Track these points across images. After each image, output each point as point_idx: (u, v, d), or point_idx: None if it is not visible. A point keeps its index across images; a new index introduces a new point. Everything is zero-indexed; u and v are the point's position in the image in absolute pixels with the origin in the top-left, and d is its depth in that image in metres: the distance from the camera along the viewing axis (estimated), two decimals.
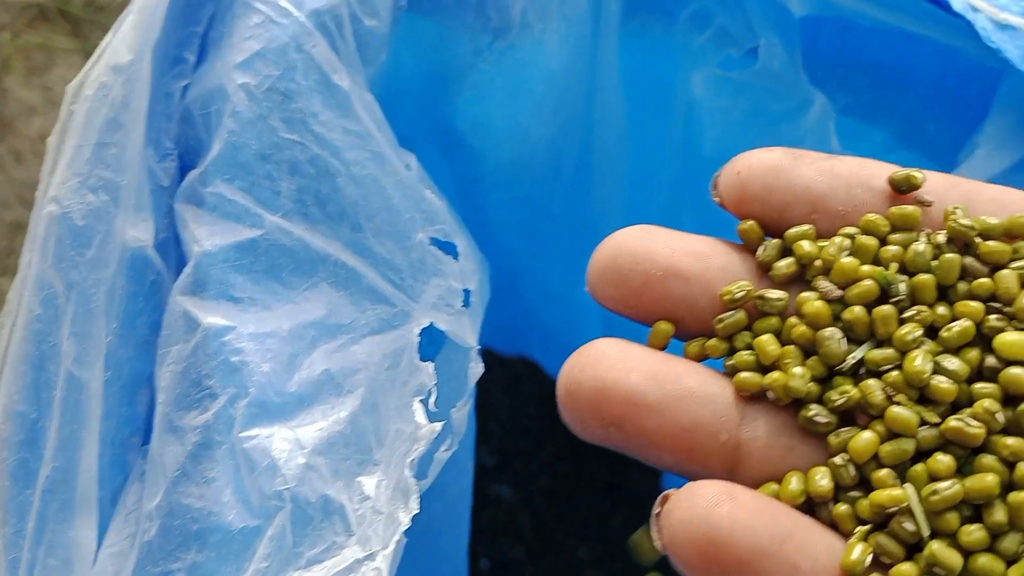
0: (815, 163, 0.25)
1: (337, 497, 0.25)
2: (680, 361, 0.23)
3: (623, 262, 0.24)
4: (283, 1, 0.25)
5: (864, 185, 0.24)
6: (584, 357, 0.23)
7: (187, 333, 0.25)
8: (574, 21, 0.33)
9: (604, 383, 0.23)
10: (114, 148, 0.24)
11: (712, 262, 0.24)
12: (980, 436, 0.21)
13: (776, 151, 0.25)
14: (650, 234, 0.24)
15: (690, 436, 0.23)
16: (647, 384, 0.23)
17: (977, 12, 0.32)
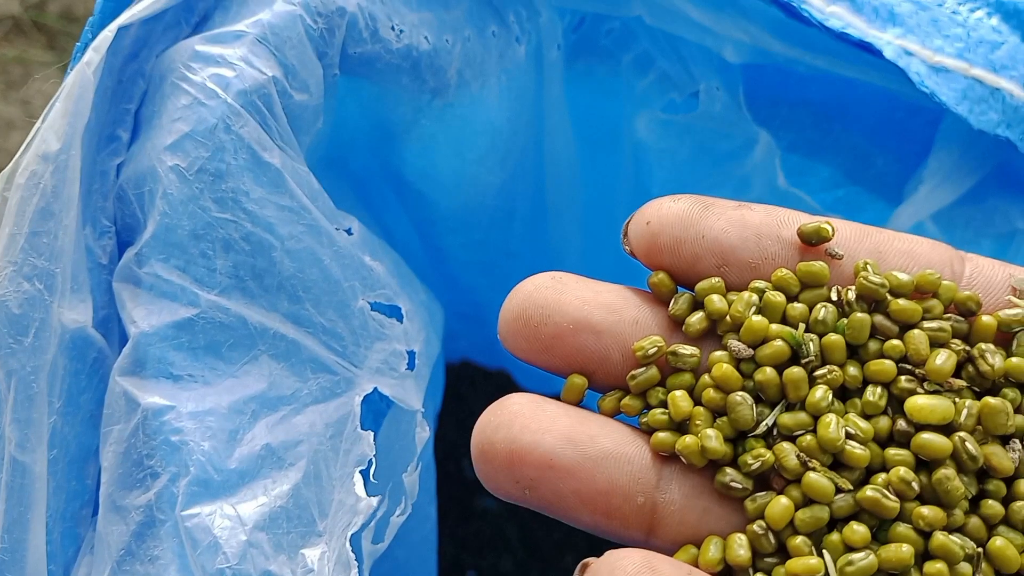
0: (725, 213, 0.24)
1: (279, 572, 0.25)
2: (595, 419, 0.23)
3: (533, 314, 0.23)
4: (210, 82, 0.26)
5: (774, 236, 0.24)
6: (497, 416, 0.23)
7: (128, 413, 0.25)
8: (514, 72, 0.33)
9: (518, 445, 0.22)
10: (47, 236, 0.24)
11: (625, 315, 0.24)
12: (895, 509, 0.22)
13: (685, 200, 0.24)
14: (561, 283, 0.24)
15: (606, 499, 0.22)
16: (562, 446, 0.22)
17: (911, 56, 0.32)
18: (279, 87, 0.27)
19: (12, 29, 1.02)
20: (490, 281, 0.44)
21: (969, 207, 0.37)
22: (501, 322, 0.24)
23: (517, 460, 0.22)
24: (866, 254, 0.24)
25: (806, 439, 0.22)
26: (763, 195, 0.38)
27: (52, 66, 1.00)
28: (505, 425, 0.22)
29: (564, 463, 0.22)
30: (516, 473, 0.22)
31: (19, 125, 0.98)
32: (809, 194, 0.37)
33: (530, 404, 0.23)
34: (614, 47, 0.36)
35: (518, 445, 0.22)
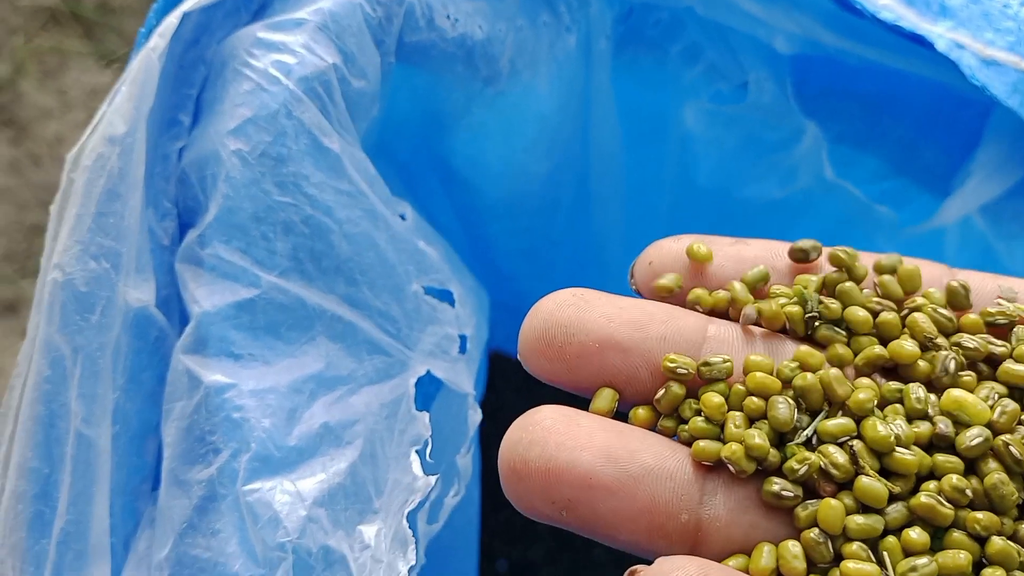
0: (723, 249, 0.25)
1: (338, 547, 0.26)
2: (633, 432, 0.22)
3: (556, 334, 0.22)
4: (272, 69, 0.26)
5: (769, 267, 0.25)
6: (529, 432, 0.21)
7: (190, 391, 0.26)
8: (563, 62, 0.33)
9: (555, 464, 0.21)
10: (113, 217, 0.25)
11: (651, 331, 0.23)
12: (950, 516, 0.21)
13: (685, 240, 0.25)
14: (584, 301, 0.23)
15: (648, 517, 0.21)
16: (601, 464, 0.21)
17: (963, 49, 0.32)
18: (339, 74, 0.27)
19: (49, 20, 1.03)
20: (532, 269, 0.44)
21: (1017, 200, 0.36)
22: (521, 342, 0.23)
23: (554, 479, 0.21)
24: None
25: (855, 443, 0.22)
26: (810, 186, 0.38)
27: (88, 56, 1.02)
28: (539, 442, 0.21)
29: (604, 481, 0.21)
30: (552, 493, 0.21)
31: (55, 115, 0.99)
32: (856, 186, 0.37)
33: (563, 418, 0.21)
34: (662, 38, 0.36)
35: (555, 464, 0.21)
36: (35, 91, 1.00)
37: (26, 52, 0.99)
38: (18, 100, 1.00)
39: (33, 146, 0.97)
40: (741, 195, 0.39)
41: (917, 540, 0.21)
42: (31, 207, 0.94)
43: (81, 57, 1.01)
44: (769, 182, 0.38)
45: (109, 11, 1.04)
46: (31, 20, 1.03)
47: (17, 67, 1.00)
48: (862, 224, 0.38)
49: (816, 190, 0.38)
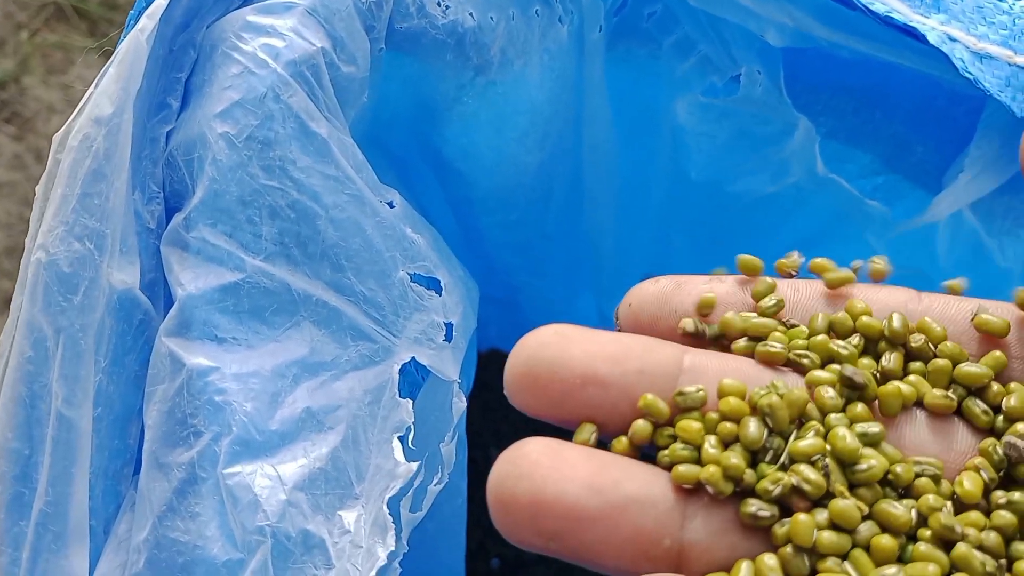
0: (696, 287, 0.26)
1: (317, 531, 0.26)
2: (616, 461, 0.23)
3: (540, 371, 0.23)
4: (260, 52, 0.26)
5: (739, 303, 0.26)
6: (516, 465, 0.22)
7: (173, 373, 0.26)
8: (556, 53, 0.33)
9: (542, 497, 0.22)
10: (97, 198, 0.25)
11: (628, 365, 0.23)
12: (909, 523, 0.22)
13: (663, 281, 0.26)
14: (565, 338, 0.24)
15: (633, 545, 0.22)
16: (587, 495, 0.22)
17: (955, 42, 0.32)
18: (327, 59, 0.27)
19: (54, 15, 1.03)
20: (525, 262, 0.44)
21: (1009, 197, 0.36)
22: (507, 378, 0.24)
23: (541, 512, 0.22)
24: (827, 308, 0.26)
25: (827, 460, 0.22)
26: (802, 181, 0.38)
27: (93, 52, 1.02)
28: (527, 476, 0.22)
29: (589, 512, 0.22)
30: (540, 525, 0.22)
31: (59, 109, 0.99)
32: (848, 181, 0.37)
33: (548, 451, 0.22)
34: (655, 30, 0.36)
35: (542, 497, 0.22)
36: (39, 86, 1.00)
37: (31, 47, 0.99)
38: (22, 95, 1.00)
39: (36, 141, 0.98)
40: (733, 189, 0.39)
41: (884, 549, 0.21)
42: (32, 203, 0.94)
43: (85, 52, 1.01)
44: (761, 176, 0.38)
45: (114, 7, 1.04)
46: (36, 15, 1.03)
47: (21, 62, 1.00)
48: (854, 219, 0.38)
49: (808, 185, 0.38)
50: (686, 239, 0.42)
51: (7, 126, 0.99)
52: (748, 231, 0.41)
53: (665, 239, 0.42)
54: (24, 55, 1.00)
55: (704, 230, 0.41)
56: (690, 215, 0.41)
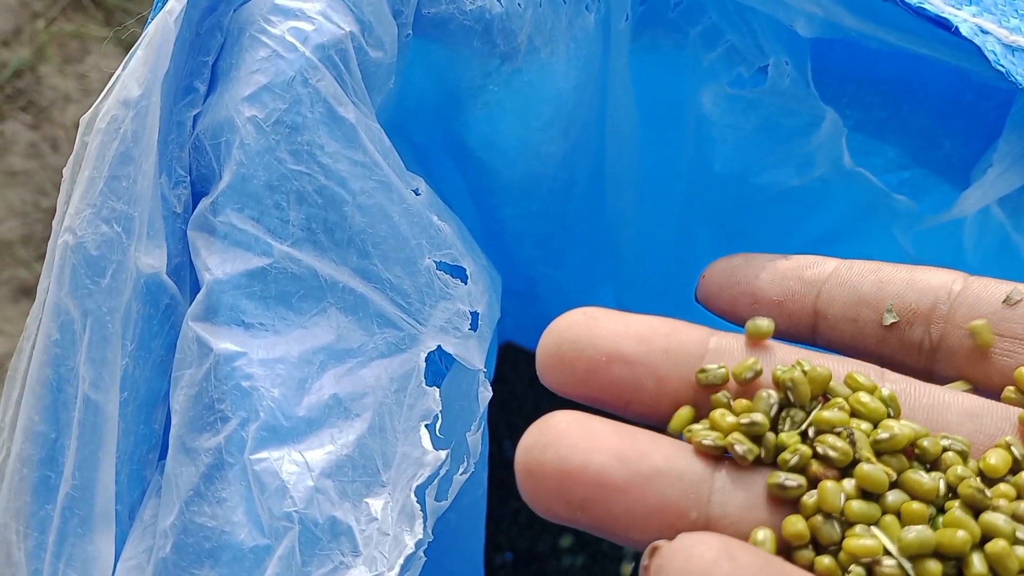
0: (763, 262, 0.27)
1: (344, 519, 0.25)
2: (643, 434, 0.23)
3: (566, 349, 0.24)
4: (289, 36, 0.26)
5: (796, 278, 0.26)
6: (544, 436, 0.22)
7: (200, 358, 0.26)
8: (582, 41, 0.33)
9: (569, 465, 0.22)
10: (125, 181, 0.25)
11: (654, 344, 0.24)
12: (936, 491, 0.22)
13: (736, 258, 0.27)
14: (593, 319, 0.24)
15: (659, 516, 0.22)
16: (613, 464, 0.22)
17: (987, 35, 0.32)
18: (355, 43, 0.27)
19: (70, 4, 1.03)
20: (545, 253, 0.44)
21: None
22: (538, 359, 0.24)
23: (568, 481, 0.22)
24: (871, 286, 0.26)
25: (853, 431, 0.22)
26: (827, 174, 0.38)
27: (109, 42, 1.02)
28: (553, 445, 0.22)
29: (615, 481, 0.22)
30: (567, 494, 0.22)
31: (75, 98, 0.99)
32: (875, 174, 0.37)
33: (576, 422, 0.23)
34: (681, 20, 0.36)
35: (568, 465, 0.22)
36: (55, 75, 1.00)
37: (47, 36, 0.99)
38: (38, 84, 1.00)
39: (52, 130, 0.98)
40: (758, 181, 0.38)
41: (916, 511, 0.21)
42: (49, 191, 0.94)
43: (101, 42, 1.01)
44: (786, 169, 0.38)
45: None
46: (52, 5, 1.03)
47: (38, 51, 1.00)
48: (880, 213, 0.38)
49: (834, 178, 0.38)
50: (709, 231, 0.42)
51: (23, 115, 0.99)
52: (772, 224, 0.41)
53: (687, 231, 0.42)
54: (40, 44, 1.00)
55: (727, 222, 0.41)
56: (713, 207, 0.40)
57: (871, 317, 0.26)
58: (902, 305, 0.26)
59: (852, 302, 0.26)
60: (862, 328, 0.26)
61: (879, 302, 0.26)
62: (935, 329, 0.25)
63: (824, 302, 0.26)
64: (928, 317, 0.25)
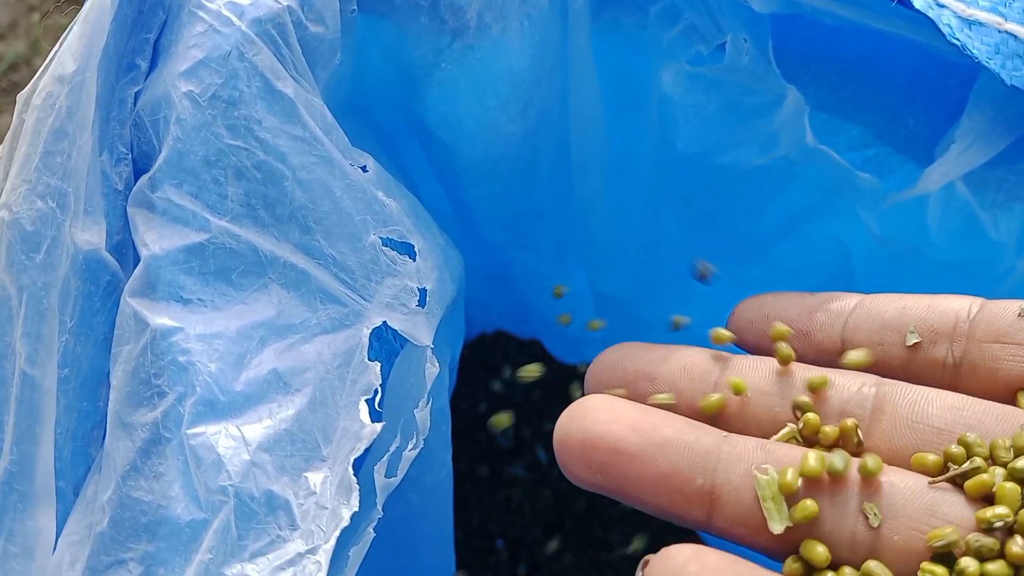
0: (791, 299, 0.30)
1: (282, 493, 0.25)
2: (659, 413, 0.26)
3: (605, 372, 0.29)
4: (225, 10, 0.26)
5: (824, 310, 0.29)
6: (574, 411, 0.26)
7: (137, 334, 0.26)
8: (536, 19, 0.33)
9: (591, 434, 0.26)
10: (60, 156, 0.25)
11: (673, 363, 0.28)
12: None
13: (765, 296, 0.30)
14: (627, 349, 0.29)
15: (669, 480, 0.25)
16: (628, 433, 0.26)
17: (943, 8, 0.32)
18: (294, 17, 0.27)
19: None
20: (514, 237, 0.44)
21: (1002, 169, 0.36)
22: (586, 381, 0.29)
23: (589, 447, 0.26)
24: (895, 312, 0.28)
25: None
26: (792, 153, 0.37)
27: None
28: (579, 418, 0.26)
29: (630, 448, 0.26)
30: (588, 458, 0.26)
31: None
32: (839, 153, 0.37)
33: (604, 401, 0.27)
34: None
35: (590, 434, 0.26)
36: None
37: (42, 30, 1.00)
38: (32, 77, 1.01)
39: None
40: (721, 161, 0.38)
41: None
42: None
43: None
44: (750, 148, 0.37)
45: None
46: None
47: (33, 44, 1.01)
48: (845, 192, 0.38)
49: (798, 157, 0.37)
50: (676, 213, 0.41)
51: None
52: (739, 204, 0.40)
53: (655, 213, 0.41)
54: (35, 37, 1.01)
55: (695, 204, 0.41)
56: (679, 188, 0.40)
57: (895, 340, 0.28)
58: (924, 327, 0.28)
59: (877, 327, 0.28)
60: (887, 351, 0.28)
61: (903, 326, 0.28)
62: (957, 346, 0.27)
63: (850, 330, 0.29)
64: (950, 336, 0.28)
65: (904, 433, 0.26)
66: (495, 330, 0.70)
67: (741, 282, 0.43)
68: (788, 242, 0.42)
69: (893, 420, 0.26)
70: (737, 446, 0.26)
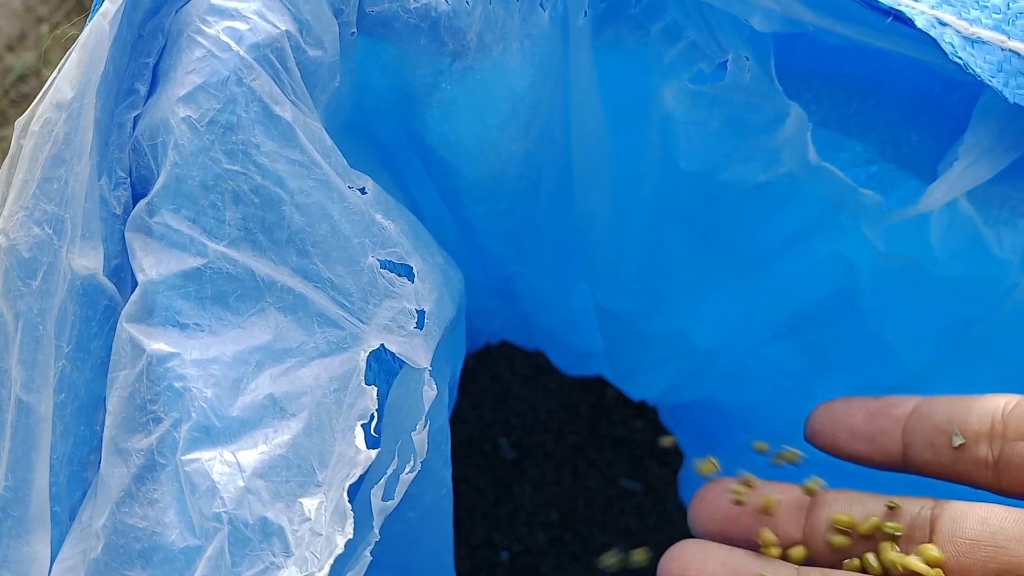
0: (858, 404, 0.33)
1: (276, 519, 0.25)
2: (750, 553, 0.30)
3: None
4: (223, 35, 0.26)
5: (886, 415, 0.32)
6: (674, 551, 0.30)
7: (133, 359, 0.26)
8: (537, 39, 0.33)
9: (688, 572, 0.29)
10: (57, 183, 0.25)
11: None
12: None
13: (836, 401, 0.33)
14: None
15: None
16: (722, 572, 0.29)
17: (945, 26, 0.31)
18: (292, 42, 0.27)
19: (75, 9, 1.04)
20: (516, 252, 0.44)
21: (1006, 185, 0.36)
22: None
23: None
24: (943, 416, 0.30)
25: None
26: (794, 170, 0.37)
27: None
28: (678, 559, 0.30)
29: None
30: None
31: None
32: (842, 169, 0.37)
33: (699, 543, 0.30)
34: (643, 16, 0.35)
35: (688, 571, 0.29)
36: None
37: (51, 41, 1.00)
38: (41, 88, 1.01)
39: None
40: (724, 178, 0.38)
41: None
42: None
43: None
44: (752, 165, 0.37)
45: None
46: (57, 9, 1.03)
47: (42, 56, 1.01)
48: (848, 209, 0.37)
49: (801, 174, 0.37)
50: (679, 229, 0.41)
51: None
52: (742, 221, 0.40)
53: (658, 229, 0.41)
54: (44, 49, 1.01)
55: (697, 219, 0.41)
56: (682, 205, 0.40)
57: (944, 442, 0.30)
58: (966, 428, 0.30)
59: (929, 430, 0.31)
60: (939, 452, 0.30)
61: (950, 428, 0.30)
62: (995, 445, 0.29)
63: (908, 433, 0.31)
64: (988, 435, 0.29)
65: (947, 547, 0.28)
66: (500, 341, 0.70)
67: (742, 295, 0.43)
68: (791, 257, 0.41)
69: (939, 536, 0.29)
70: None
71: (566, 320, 0.51)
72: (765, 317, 0.44)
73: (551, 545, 0.68)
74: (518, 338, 0.67)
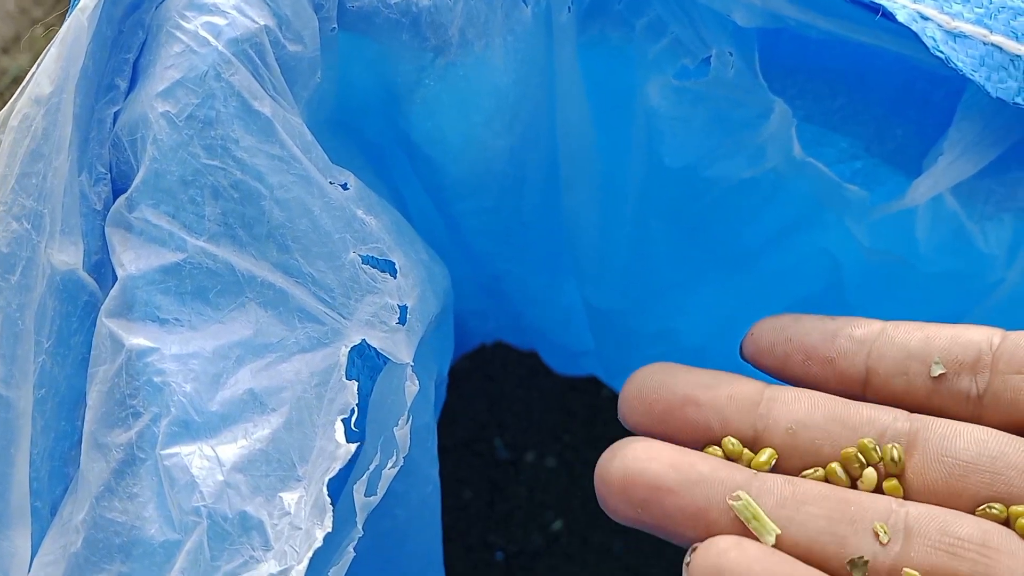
0: (813, 322, 0.30)
1: (256, 513, 0.25)
2: (695, 452, 0.28)
3: (647, 393, 0.29)
4: (202, 31, 0.26)
5: (847, 336, 0.29)
6: (614, 450, 0.28)
7: (112, 354, 0.26)
8: (520, 35, 0.33)
9: (630, 471, 0.27)
10: (35, 178, 0.25)
11: (720, 390, 0.29)
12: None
13: (784, 317, 0.31)
14: (669, 370, 0.29)
15: (705, 514, 0.27)
16: (667, 471, 0.27)
17: (927, 21, 0.31)
18: (272, 37, 0.27)
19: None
20: (504, 250, 0.44)
21: (991, 180, 0.36)
22: (621, 401, 0.29)
23: (629, 484, 0.27)
24: (918, 342, 0.29)
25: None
26: (779, 166, 0.37)
27: None
28: (619, 457, 0.27)
29: (668, 484, 0.27)
30: (629, 495, 0.27)
31: None
32: (826, 165, 0.37)
33: (643, 442, 0.28)
34: (628, 12, 0.35)
35: (630, 471, 0.27)
36: None
37: (45, 43, 1.00)
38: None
39: None
40: (709, 174, 0.38)
41: None
42: None
43: None
44: (737, 160, 0.37)
45: None
46: (51, 11, 1.03)
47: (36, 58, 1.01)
48: (833, 204, 0.37)
49: (786, 170, 0.37)
50: (666, 226, 0.41)
51: None
52: (728, 217, 0.40)
53: (644, 225, 0.41)
54: (39, 51, 1.01)
55: (683, 215, 0.41)
56: (667, 201, 0.40)
57: (920, 370, 0.28)
58: (948, 358, 0.28)
59: (902, 357, 0.29)
60: (912, 381, 0.29)
61: (927, 356, 0.28)
62: (980, 378, 0.28)
63: (875, 359, 0.29)
64: (973, 367, 0.28)
65: (934, 467, 0.27)
66: (494, 341, 0.70)
67: (729, 291, 0.43)
68: (777, 253, 0.41)
69: (924, 455, 0.27)
70: (766, 482, 0.27)
71: (557, 318, 0.51)
72: (752, 313, 0.44)
73: (546, 546, 0.68)
74: (512, 338, 0.67)
